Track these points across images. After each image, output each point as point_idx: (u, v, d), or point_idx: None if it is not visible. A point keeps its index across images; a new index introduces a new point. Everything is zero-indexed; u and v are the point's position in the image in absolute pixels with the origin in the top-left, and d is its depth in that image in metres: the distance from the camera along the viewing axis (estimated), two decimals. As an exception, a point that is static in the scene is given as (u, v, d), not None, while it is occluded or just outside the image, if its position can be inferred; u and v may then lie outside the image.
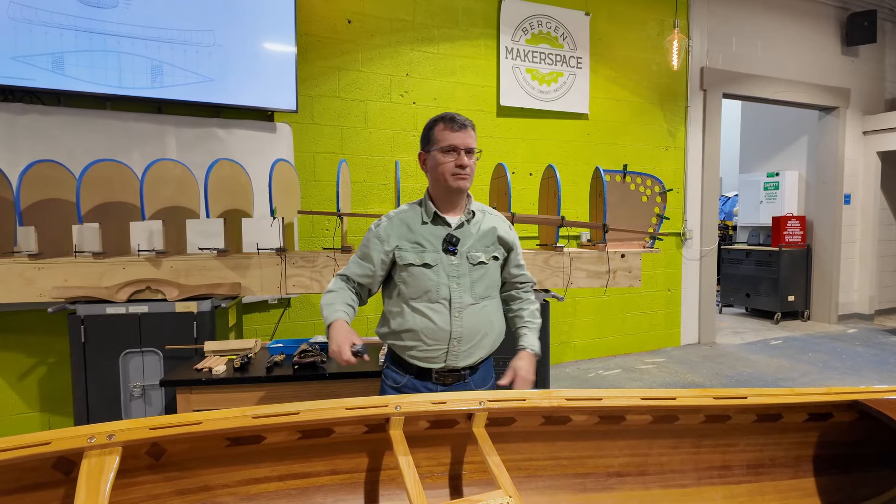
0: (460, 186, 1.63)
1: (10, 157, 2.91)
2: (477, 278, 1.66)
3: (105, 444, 1.01)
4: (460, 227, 1.67)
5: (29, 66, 2.88)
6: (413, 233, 1.66)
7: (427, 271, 1.62)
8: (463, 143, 1.61)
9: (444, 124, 1.62)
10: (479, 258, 1.66)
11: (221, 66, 3.30)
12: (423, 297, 1.62)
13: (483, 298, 1.67)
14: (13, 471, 1.01)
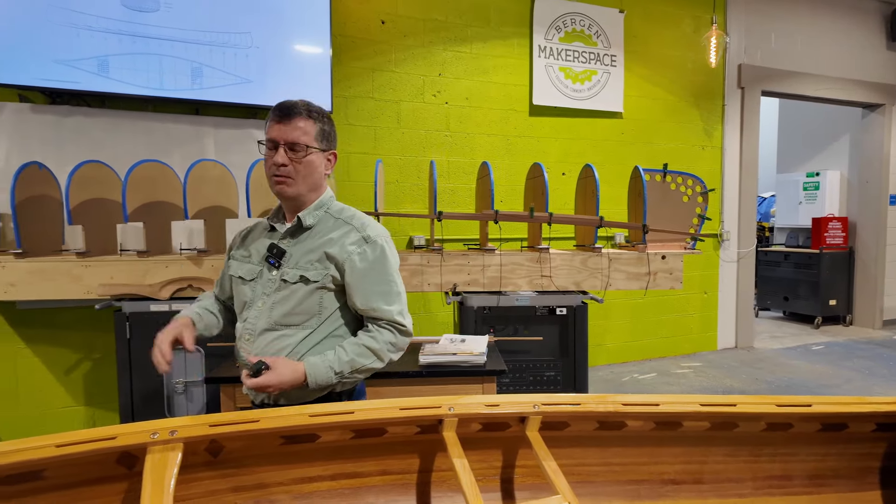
0: (277, 192, 1.35)
1: (58, 158, 2.99)
2: (279, 300, 1.34)
3: (168, 439, 1.02)
4: (290, 236, 1.39)
5: (75, 70, 2.96)
6: (252, 241, 1.46)
7: (241, 285, 1.41)
8: (283, 136, 1.31)
9: (272, 113, 1.36)
10: (286, 275, 1.34)
11: (259, 68, 3.34)
12: (242, 312, 1.42)
13: (283, 326, 1.34)
14: (80, 464, 1.03)
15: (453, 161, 4.08)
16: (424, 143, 4.02)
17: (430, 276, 2.77)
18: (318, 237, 1.38)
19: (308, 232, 1.39)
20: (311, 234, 1.38)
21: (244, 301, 1.40)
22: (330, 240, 1.36)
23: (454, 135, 4.10)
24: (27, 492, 1.01)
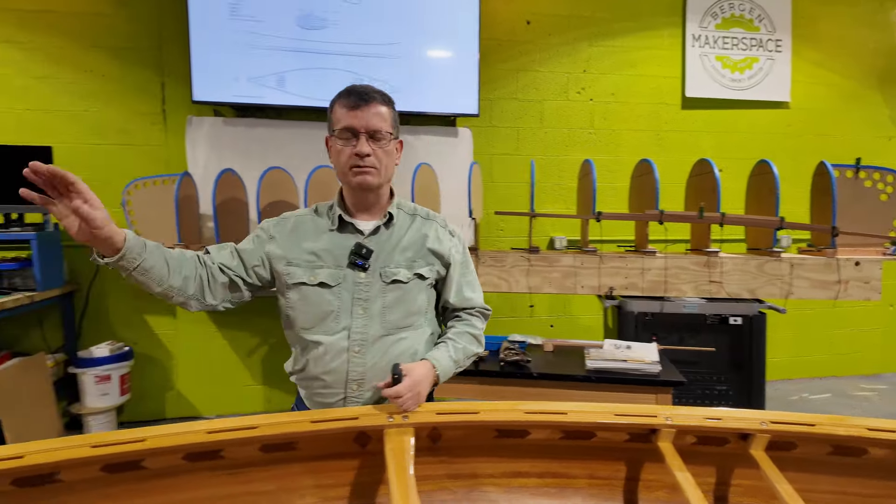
0: (359, 184, 1.25)
1: (244, 164, 3.37)
2: (391, 302, 1.26)
3: (401, 423, 1.10)
4: (375, 233, 1.29)
5: (260, 86, 3.32)
6: (313, 241, 1.28)
7: (324, 293, 1.25)
8: (364, 124, 1.21)
9: (342, 100, 1.24)
10: (396, 275, 1.26)
11: (409, 76, 3.50)
12: (319, 326, 1.25)
13: (400, 329, 1.26)
14: (325, 439, 1.14)
15: (597, 159, 3.95)
16: (567, 141, 3.95)
17: (585, 279, 2.71)
18: (401, 233, 1.31)
19: (390, 229, 1.31)
20: (393, 231, 1.31)
21: (327, 311, 1.24)
22: (425, 236, 1.32)
23: (598, 132, 3.98)
24: (283, 459, 1.14)
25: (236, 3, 3.22)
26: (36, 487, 1.04)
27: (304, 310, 1.26)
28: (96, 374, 3.18)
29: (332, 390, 1.24)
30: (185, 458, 1.10)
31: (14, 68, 3.19)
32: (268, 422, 1.07)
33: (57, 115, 3.25)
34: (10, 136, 3.18)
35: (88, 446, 0.99)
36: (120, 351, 3.27)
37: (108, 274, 3.41)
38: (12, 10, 3.15)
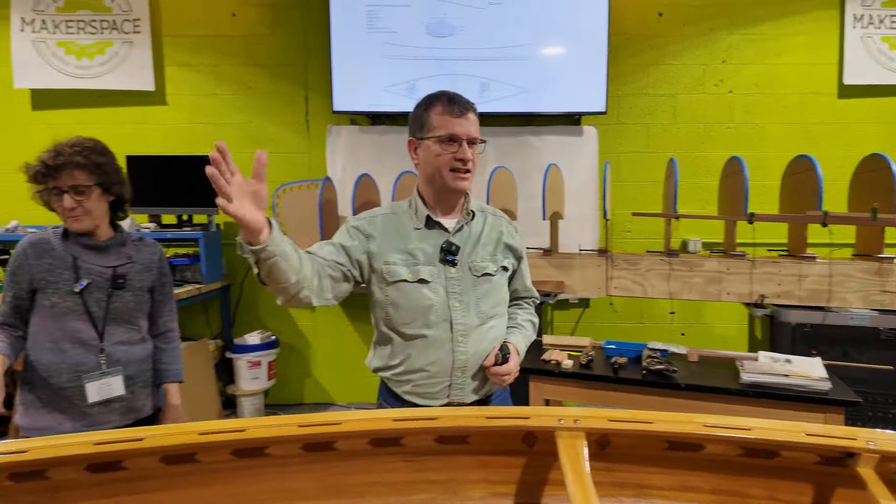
0: (458, 187, 1.33)
1: (377, 168, 3.58)
2: (483, 294, 1.36)
3: (571, 427, 1.11)
4: (458, 231, 1.38)
5: (393, 95, 3.50)
6: (403, 240, 1.35)
7: (423, 288, 1.32)
8: (466, 132, 1.31)
9: (442, 106, 1.32)
10: (486, 269, 1.37)
11: (536, 77, 3.50)
12: (420, 320, 1.32)
13: (490, 318, 1.37)
14: (494, 435, 1.18)
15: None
16: (703, 137, 3.72)
17: (731, 285, 2.53)
18: (479, 230, 1.40)
19: (470, 226, 1.40)
20: (472, 228, 1.40)
21: (427, 305, 1.32)
22: (501, 232, 1.43)
23: (739, 126, 3.69)
24: (456, 452, 1.20)
25: (373, 17, 3.42)
26: (250, 458, 1.19)
27: (405, 305, 1.32)
28: (249, 359, 3.54)
29: (436, 380, 1.33)
30: (370, 442, 1.19)
31: (187, 88, 3.66)
32: (446, 414, 1.13)
33: (222, 127, 3.68)
34: (183, 147, 3.65)
35: (296, 425, 1.11)
36: (268, 340, 3.62)
37: (258, 269, 3.79)
38: (188, 37, 3.61)
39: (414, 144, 1.38)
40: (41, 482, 1.16)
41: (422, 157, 1.35)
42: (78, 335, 1.57)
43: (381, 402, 1.46)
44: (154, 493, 1.18)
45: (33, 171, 1.54)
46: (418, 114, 1.37)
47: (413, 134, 1.38)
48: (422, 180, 1.39)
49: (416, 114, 1.38)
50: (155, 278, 1.73)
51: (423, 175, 1.38)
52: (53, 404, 1.58)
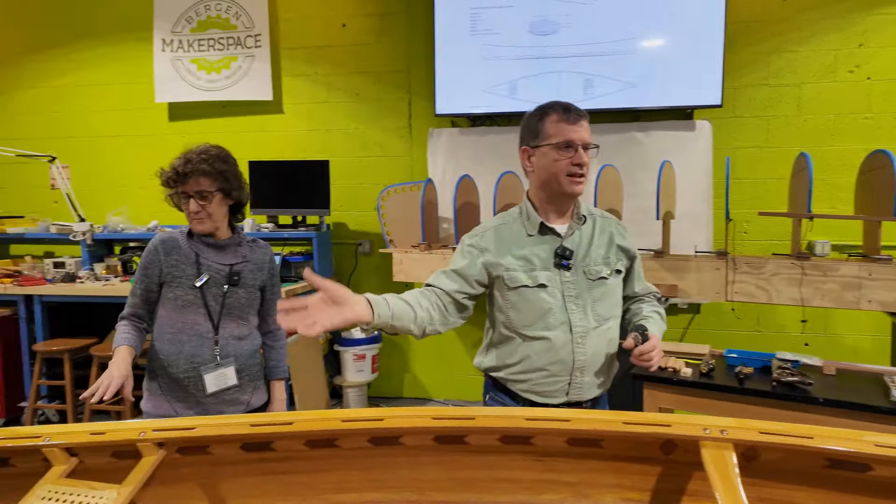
0: (575, 192, 1.38)
1: (476, 170, 3.60)
2: (599, 296, 1.40)
3: (718, 437, 1.05)
4: (570, 235, 1.42)
5: (493, 96, 3.51)
6: (520, 248, 1.40)
7: (541, 293, 1.37)
8: (581, 137, 1.35)
9: (557, 115, 1.37)
10: (600, 272, 1.41)
11: (644, 71, 3.36)
12: (539, 323, 1.38)
13: (606, 320, 1.41)
14: (630, 441, 1.14)
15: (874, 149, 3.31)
16: (833, 129, 3.38)
17: (873, 292, 2.28)
18: (590, 234, 1.44)
19: (581, 230, 1.43)
20: (583, 232, 1.43)
21: (546, 308, 1.37)
22: (611, 234, 1.46)
23: (878, 116, 3.32)
24: (588, 455, 1.18)
25: (476, 19, 3.46)
26: (385, 446, 1.24)
27: (525, 308, 1.38)
28: (355, 352, 3.71)
29: (556, 378, 1.39)
30: (501, 439, 1.20)
31: (302, 97, 3.91)
32: (580, 416, 1.12)
33: (332, 133, 3.89)
34: (298, 152, 3.91)
35: (430, 417, 1.15)
36: (372, 334, 3.77)
37: (364, 268, 3.96)
38: (303, 49, 3.86)
39: (528, 153, 1.43)
40: (203, 457, 1.28)
41: (537, 163, 1.41)
42: (196, 327, 1.68)
43: (487, 400, 1.52)
44: (298, 475, 1.27)
45: (165, 176, 1.68)
46: (532, 123, 1.42)
47: (527, 142, 1.43)
48: (535, 186, 1.44)
49: (529, 123, 1.44)
50: (266, 278, 1.82)
51: (537, 181, 1.43)
52: (172, 393, 1.68)
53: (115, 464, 1.26)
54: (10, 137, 4.26)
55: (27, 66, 4.29)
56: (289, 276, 3.69)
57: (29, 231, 3.95)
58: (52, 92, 4.27)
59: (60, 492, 1.13)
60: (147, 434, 1.20)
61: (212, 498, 1.28)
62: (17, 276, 3.66)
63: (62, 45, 4.21)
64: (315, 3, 3.84)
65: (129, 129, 4.15)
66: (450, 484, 1.23)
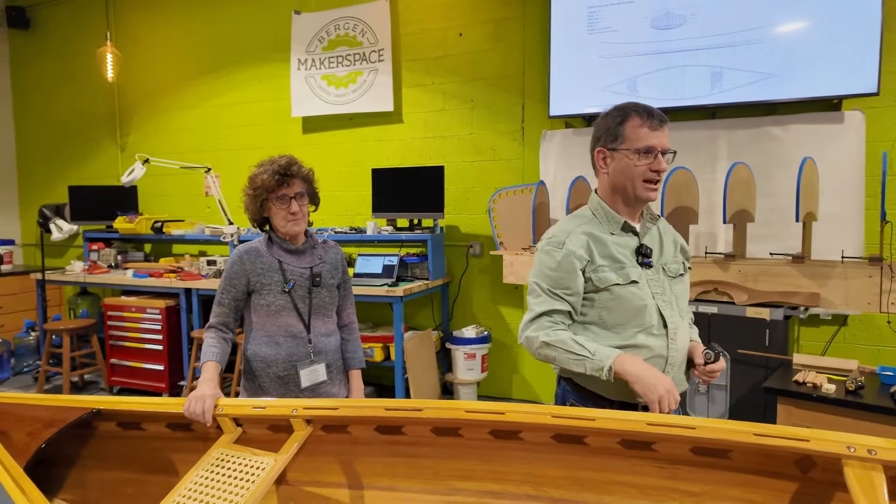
0: (650, 198, 1.39)
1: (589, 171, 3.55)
2: (680, 293, 1.45)
3: (865, 457, 0.98)
4: (646, 234, 1.45)
5: (611, 94, 3.43)
6: (606, 247, 1.40)
7: (634, 289, 1.37)
8: (662, 144, 1.36)
9: (640, 119, 1.36)
10: (678, 270, 1.46)
11: (783, 60, 3.08)
12: (633, 321, 1.36)
13: (684, 315, 1.45)
14: (761, 454, 1.10)
15: None
16: None
17: None
18: (658, 233, 1.47)
19: (653, 230, 1.47)
20: (653, 232, 1.46)
21: (637, 305, 1.36)
22: (675, 234, 1.52)
23: None
24: (714, 465, 1.15)
25: (594, 18, 3.41)
26: (505, 440, 1.31)
27: (618, 308, 1.37)
28: (465, 351, 3.82)
29: None
30: (621, 442, 1.21)
31: (419, 107, 4.11)
32: (704, 424, 1.10)
33: (447, 140, 4.05)
34: (415, 159, 4.11)
35: (550, 415, 1.19)
36: (482, 334, 3.86)
37: (474, 269, 4.06)
38: (421, 60, 4.06)
39: (604, 154, 1.42)
40: (343, 435, 1.43)
41: (613, 166, 1.40)
42: (290, 329, 1.76)
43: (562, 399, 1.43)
44: (424, 459, 1.38)
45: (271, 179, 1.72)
46: (610, 125, 1.41)
47: (604, 144, 1.42)
48: (607, 189, 1.44)
49: (607, 125, 1.42)
50: (340, 275, 1.91)
51: (609, 184, 1.42)
52: (272, 390, 1.75)
53: (271, 435, 1.46)
54: (174, 151, 4.97)
55: (190, 89, 4.96)
56: (405, 276, 3.90)
57: (188, 233, 4.57)
58: (208, 111, 4.90)
59: (230, 454, 1.33)
60: (298, 411, 1.37)
61: (348, 473, 1.43)
62: (179, 272, 4.26)
63: (217, 70, 4.82)
64: (434, 15, 4.02)
65: (269, 141, 4.63)
66: (567, 483, 1.26)
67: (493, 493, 1.32)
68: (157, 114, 5.15)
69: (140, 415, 1.48)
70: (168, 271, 4.29)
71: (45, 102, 5.71)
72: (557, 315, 1.38)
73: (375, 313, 4.22)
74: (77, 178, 5.49)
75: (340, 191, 4.33)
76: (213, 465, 1.29)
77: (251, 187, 1.79)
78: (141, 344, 4.17)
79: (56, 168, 5.71)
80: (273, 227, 1.83)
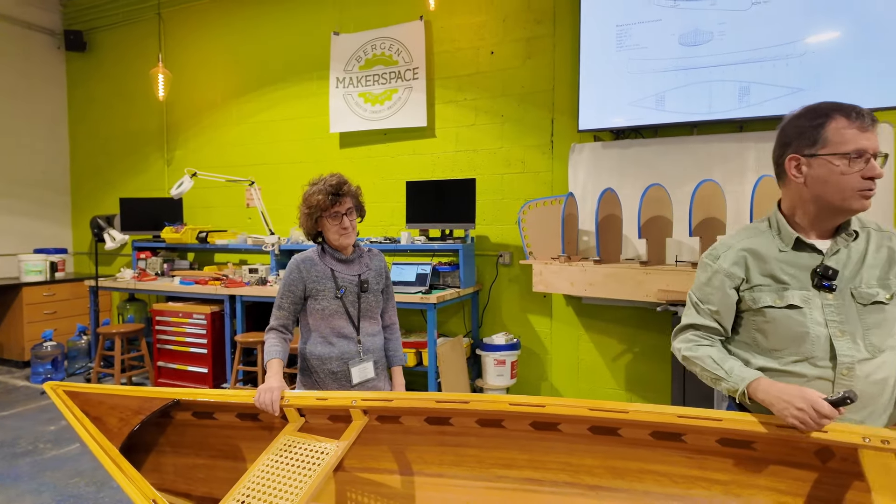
0: (864, 207, 1.20)
1: (618, 182, 3.65)
2: (872, 324, 1.21)
3: (879, 447, 1.07)
4: (835, 253, 1.25)
5: (639, 108, 3.54)
6: (766, 264, 1.28)
7: (793, 314, 1.23)
8: (874, 146, 1.18)
9: (846, 119, 1.18)
10: (875, 296, 1.21)
11: (812, 74, 3.14)
12: (790, 348, 1.23)
13: (881, 352, 1.20)
14: (783, 445, 1.20)
15: None
16: None
17: None
18: (859, 250, 1.26)
19: (850, 247, 1.27)
20: (850, 250, 1.26)
21: (797, 332, 1.22)
22: (892, 249, 1.26)
23: None
24: (739, 456, 1.25)
25: (623, 35, 3.53)
26: (544, 431, 1.43)
27: (774, 332, 1.26)
28: (495, 357, 3.93)
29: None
30: (652, 434, 1.32)
31: (451, 122, 4.28)
32: (731, 416, 1.20)
33: (478, 153, 4.20)
34: (447, 172, 4.27)
35: (587, 409, 1.31)
36: (511, 342, 3.97)
37: (503, 278, 4.18)
38: (453, 77, 4.24)
39: (798, 161, 1.26)
40: (396, 425, 1.58)
41: (812, 174, 1.23)
42: (342, 331, 1.93)
43: None
44: (470, 448, 1.51)
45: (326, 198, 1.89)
46: (806, 128, 1.24)
47: (799, 150, 1.25)
48: (800, 199, 1.28)
49: (801, 127, 1.26)
50: (384, 281, 2.09)
51: (808, 194, 1.26)
52: (326, 386, 1.89)
53: (331, 425, 1.61)
54: (219, 165, 5.24)
55: (234, 107, 5.24)
56: (437, 284, 4.04)
57: (230, 243, 4.81)
58: (250, 127, 5.17)
59: (296, 441, 1.48)
60: (357, 403, 1.52)
61: (400, 461, 1.57)
62: (223, 279, 4.49)
63: (259, 88, 5.09)
64: (467, 34, 4.20)
65: (308, 156, 4.86)
66: (602, 471, 1.38)
67: (532, 480, 1.44)
68: (203, 130, 5.44)
69: (214, 405, 1.65)
70: (213, 279, 4.53)
71: (97, 120, 6.09)
72: (703, 330, 1.35)
73: (408, 320, 4.37)
74: (125, 191, 5.83)
75: (375, 202, 4.52)
76: (282, 449, 1.44)
77: (306, 206, 1.97)
78: (186, 348, 4.40)
79: (106, 181, 6.07)
80: (326, 239, 2.01)
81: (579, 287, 3.39)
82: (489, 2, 4.12)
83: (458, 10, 4.22)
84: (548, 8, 3.93)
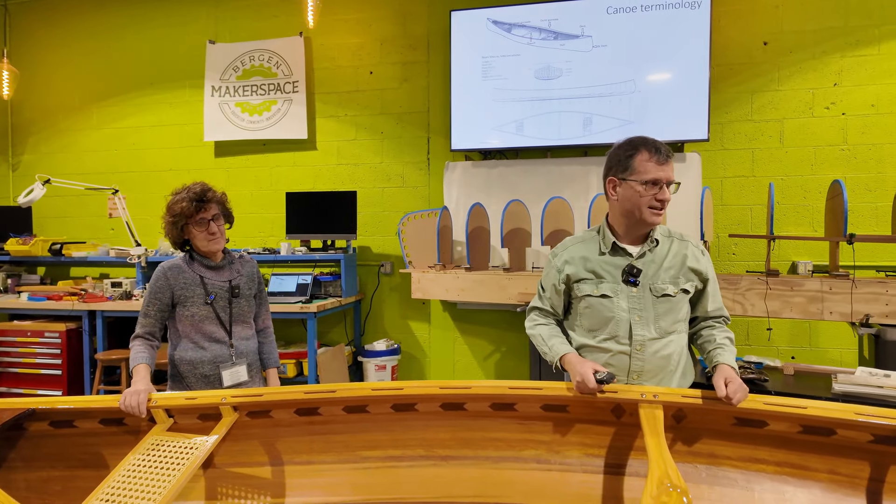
0: (655, 222, 1.53)
1: (486, 198, 4.00)
2: (662, 312, 1.54)
3: (651, 401, 1.40)
4: (641, 256, 1.57)
5: (502, 132, 3.94)
6: (591, 262, 1.60)
7: (605, 302, 1.56)
8: (667, 176, 1.51)
9: (648, 153, 1.52)
10: (665, 290, 1.54)
11: (639, 109, 3.74)
12: (602, 328, 1.57)
13: (669, 333, 1.55)
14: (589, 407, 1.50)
15: (854, 178, 3.62)
16: (812, 160, 3.70)
17: (834, 305, 2.59)
18: (663, 255, 1.58)
19: (654, 252, 1.58)
20: (656, 253, 1.58)
21: (606, 316, 1.56)
22: (685, 256, 1.57)
23: (854, 148, 3.63)
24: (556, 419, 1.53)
25: (487, 67, 3.91)
26: (404, 412, 1.61)
27: (590, 315, 1.60)
28: (376, 363, 4.08)
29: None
30: (491, 406, 1.56)
31: (333, 136, 4.39)
32: (550, 385, 1.48)
33: (359, 167, 4.35)
34: (328, 184, 4.37)
35: (438, 388, 1.51)
36: (392, 347, 4.15)
37: (385, 286, 4.36)
38: (334, 93, 4.37)
39: (614, 183, 1.58)
40: (267, 419, 1.67)
41: (622, 194, 1.55)
42: (214, 335, 1.97)
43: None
44: (337, 435, 1.65)
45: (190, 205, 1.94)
46: (621, 157, 1.58)
47: (615, 174, 1.58)
48: (616, 213, 1.60)
49: (618, 156, 1.59)
50: (256, 286, 2.15)
51: (619, 209, 1.58)
52: (198, 389, 1.89)
53: (200, 424, 1.66)
54: (76, 172, 4.83)
55: (95, 111, 4.88)
56: (319, 294, 4.11)
57: (90, 255, 4.46)
58: (114, 132, 4.84)
59: (164, 440, 1.53)
60: (227, 400, 1.60)
61: (271, 453, 1.67)
62: (81, 294, 4.15)
63: (125, 93, 4.80)
64: (346, 54, 4.36)
65: (180, 164, 4.68)
66: (453, 442, 1.60)
67: (393, 457, 1.62)
68: (58, 134, 4.99)
69: (75, 412, 1.62)
70: (69, 294, 4.17)
71: (-80, 116, 5.30)
72: (541, 312, 1.73)
73: (289, 331, 4.36)
74: (-42, 198, 5.14)
75: (253, 213, 4.47)
76: (148, 449, 1.47)
77: (170, 214, 2.00)
78: (37, 370, 4.00)
79: (-69, 186, 5.29)
80: (194, 247, 2.04)
81: (453, 293, 3.67)
82: (367, 25, 4.33)
83: (337, 30, 4.37)
84: (422, 35, 4.23)
